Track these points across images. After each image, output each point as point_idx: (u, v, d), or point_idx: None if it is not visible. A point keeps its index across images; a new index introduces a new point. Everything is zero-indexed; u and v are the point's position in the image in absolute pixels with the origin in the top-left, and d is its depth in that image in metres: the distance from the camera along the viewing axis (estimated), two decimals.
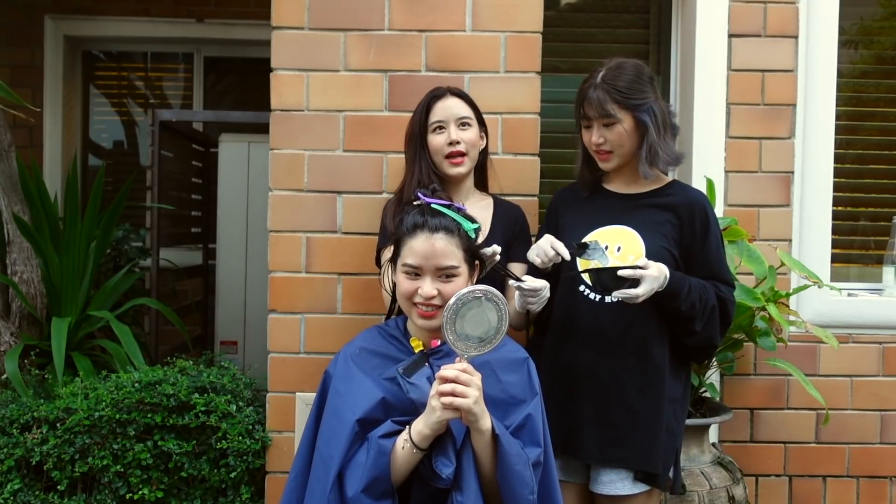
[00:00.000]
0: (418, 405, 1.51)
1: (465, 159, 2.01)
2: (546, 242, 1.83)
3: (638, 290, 1.73)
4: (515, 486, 1.46)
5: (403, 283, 1.59)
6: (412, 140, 2.06)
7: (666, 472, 1.88)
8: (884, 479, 2.74)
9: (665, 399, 1.84)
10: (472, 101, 2.07)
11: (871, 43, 3.07)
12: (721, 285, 1.87)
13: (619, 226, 1.89)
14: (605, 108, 1.84)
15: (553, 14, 3.12)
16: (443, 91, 2.05)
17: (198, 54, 4.50)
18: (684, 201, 1.89)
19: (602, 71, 1.87)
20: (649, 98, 1.85)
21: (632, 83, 1.84)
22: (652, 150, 1.85)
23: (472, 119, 2.04)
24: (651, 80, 1.88)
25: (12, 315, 2.85)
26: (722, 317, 1.86)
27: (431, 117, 2.02)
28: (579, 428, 1.86)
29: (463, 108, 2.03)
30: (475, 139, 2.04)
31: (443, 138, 2.00)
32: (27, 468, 2.25)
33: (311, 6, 2.28)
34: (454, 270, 1.57)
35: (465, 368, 1.44)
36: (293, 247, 2.29)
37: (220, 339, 3.62)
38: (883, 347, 2.73)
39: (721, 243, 1.92)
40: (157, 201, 3.18)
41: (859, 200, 3.02)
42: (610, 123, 1.85)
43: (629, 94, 1.83)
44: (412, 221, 1.60)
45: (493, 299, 1.46)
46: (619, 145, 1.87)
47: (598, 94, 1.84)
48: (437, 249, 1.55)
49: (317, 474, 1.54)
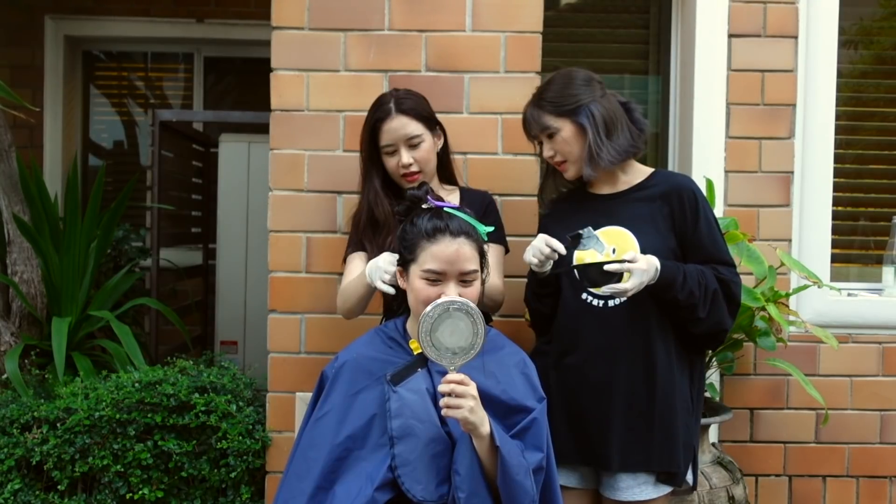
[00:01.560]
0: (393, 415, 1.51)
1: (419, 176, 1.98)
2: (540, 241, 1.82)
3: (626, 283, 1.72)
4: (516, 495, 1.46)
5: (423, 289, 1.54)
6: (363, 157, 2.04)
7: (686, 469, 1.86)
8: (884, 478, 2.74)
9: (678, 397, 1.83)
10: (419, 111, 1.97)
11: (871, 43, 3.07)
12: (720, 267, 1.84)
13: (609, 227, 1.87)
14: (541, 121, 1.88)
15: (553, 14, 3.12)
16: (387, 109, 1.95)
17: (198, 54, 4.50)
18: (670, 188, 1.87)
19: (538, 88, 1.93)
20: (583, 100, 1.85)
21: (561, 90, 1.87)
22: (591, 151, 1.84)
23: (423, 133, 1.96)
24: (586, 82, 1.88)
25: (12, 315, 2.85)
26: (727, 299, 1.83)
27: (380, 141, 1.97)
28: (594, 436, 1.84)
29: (410, 126, 1.95)
30: (428, 154, 1.98)
31: (395, 161, 1.97)
32: (27, 468, 2.26)
33: (311, 6, 2.28)
34: (474, 275, 1.56)
35: (460, 380, 1.43)
36: (293, 247, 2.29)
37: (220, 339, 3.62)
38: (883, 347, 2.73)
39: (714, 224, 1.89)
40: (157, 201, 3.18)
41: (859, 200, 3.02)
42: (551, 135, 1.88)
43: (559, 102, 1.86)
44: (431, 225, 1.55)
45: (459, 308, 1.46)
46: (568, 153, 1.88)
47: (531, 111, 1.90)
48: (462, 254, 1.53)
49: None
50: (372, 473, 1.50)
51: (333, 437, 1.54)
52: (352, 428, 1.54)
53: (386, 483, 1.48)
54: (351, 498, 1.47)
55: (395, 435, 1.50)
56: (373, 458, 1.52)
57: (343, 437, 1.53)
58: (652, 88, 3.06)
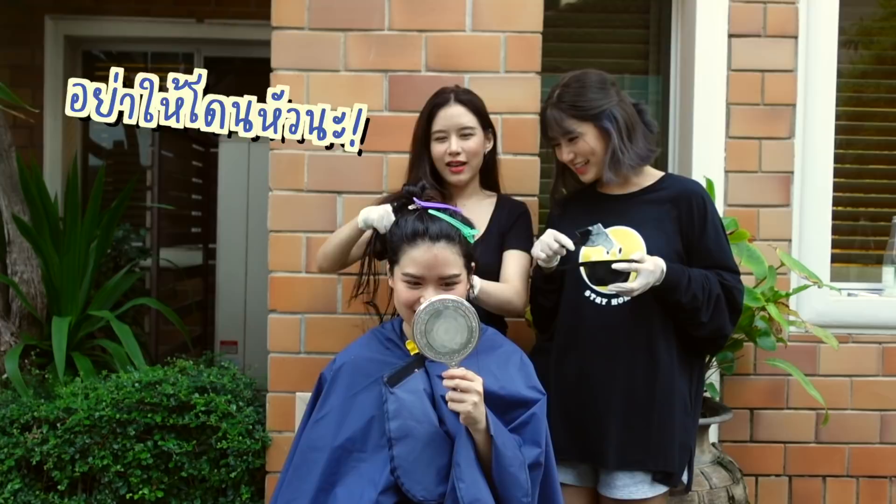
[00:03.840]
0: (391, 417, 1.51)
1: (465, 168, 2.00)
2: (549, 236, 1.82)
3: (633, 283, 1.73)
4: (509, 487, 1.46)
5: (404, 291, 1.55)
6: (415, 143, 2.06)
7: (682, 470, 1.87)
8: (884, 479, 2.74)
9: (677, 398, 1.83)
10: (476, 105, 2.03)
11: (871, 43, 3.07)
12: (725, 273, 1.85)
13: (618, 226, 1.88)
14: (563, 125, 1.87)
15: (553, 14, 3.12)
16: (446, 97, 2.01)
17: (198, 54, 4.50)
18: (679, 192, 1.88)
19: (557, 90, 1.90)
20: (607, 104, 1.85)
21: (582, 94, 1.86)
22: (614, 156, 1.85)
23: (476, 127, 2.00)
24: (607, 85, 1.88)
25: (12, 315, 2.85)
26: (730, 305, 1.84)
27: (434, 125, 2.00)
28: (593, 434, 1.84)
29: (465, 117, 1.99)
30: (477, 147, 2.01)
31: (444, 148, 1.99)
32: (27, 468, 2.25)
33: (311, 6, 2.28)
34: (456, 278, 1.55)
35: (462, 374, 1.44)
36: (293, 247, 2.29)
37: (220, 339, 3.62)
38: (883, 347, 2.73)
39: (721, 231, 1.90)
40: (157, 201, 3.18)
41: (859, 200, 3.02)
42: (573, 139, 1.88)
43: (583, 107, 1.85)
44: (411, 228, 1.56)
45: (449, 306, 1.45)
46: (590, 154, 1.88)
47: (554, 113, 1.88)
48: (440, 259, 1.53)
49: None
50: (375, 477, 1.50)
51: (333, 439, 1.54)
52: (351, 430, 1.54)
53: (389, 487, 1.48)
54: (354, 500, 1.48)
55: (393, 436, 1.50)
56: (374, 460, 1.52)
57: (343, 440, 1.53)
58: (652, 88, 3.07)
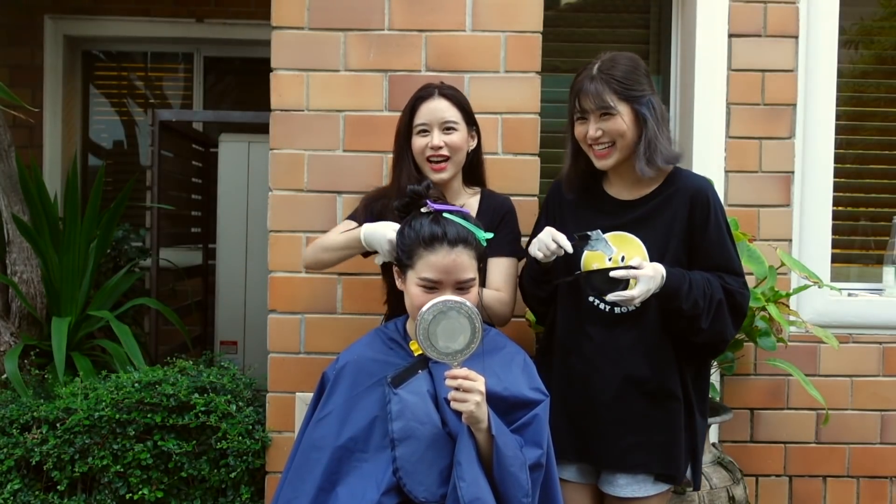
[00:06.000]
0: (394, 417, 1.51)
1: (446, 164, 1.94)
2: (547, 235, 1.77)
3: (633, 291, 1.67)
4: (510, 487, 1.46)
5: (419, 296, 1.53)
6: (398, 139, 2.00)
7: (685, 471, 1.85)
8: (884, 479, 2.74)
9: (680, 400, 1.81)
10: (460, 101, 1.97)
11: (871, 43, 3.07)
12: (728, 276, 1.78)
13: (620, 232, 1.82)
14: (604, 98, 1.75)
15: (553, 14, 3.12)
16: (430, 91, 1.96)
17: (198, 54, 4.50)
18: (685, 189, 1.81)
19: (598, 63, 1.81)
20: (647, 91, 1.79)
21: (630, 74, 1.77)
22: (651, 145, 1.76)
23: (459, 122, 1.94)
24: (647, 74, 1.82)
25: (12, 315, 2.85)
26: (732, 310, 1.78)
27: (416, 119, 1.95)
28: (595, 436, 1.82)
29: (449, 112, 1.93)
30: (460, 143, 1.95)
31: (425, 141, 1.94)
32: (27, 468, 2.25)
33: (311, 6, 2.28)
34: (471, 282, 1.55)
35: (465, 374, 1.44)
36: (293, 247, 2.29)
37: (220, 339, 3.62)
38: (883, 347, 2.73)
39: (726, 232, 1.82)
40: (157, 201, 3.17)
41: (859, 200, 3.03)
42: (608, 116, 1.77)
43: (628, 85, 1.76)
44: (429, 232, 1.53)
45: (454, 308, 1.45)
46: (619, 136, 1.77)
47: (595, 85, 1.76)
48: (458, 264, 1.52)
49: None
50: (378, 477, 1.50)
51: (335, 439, 1.54)
52: (353, 430, 1.54)
53: (391, 487, 1.48)
54: (355, 500, 1.48)
55: (396, 437, 1.50)
56: (376, 461, 1.52)
57: (345, 439, 1.53)
58: None
